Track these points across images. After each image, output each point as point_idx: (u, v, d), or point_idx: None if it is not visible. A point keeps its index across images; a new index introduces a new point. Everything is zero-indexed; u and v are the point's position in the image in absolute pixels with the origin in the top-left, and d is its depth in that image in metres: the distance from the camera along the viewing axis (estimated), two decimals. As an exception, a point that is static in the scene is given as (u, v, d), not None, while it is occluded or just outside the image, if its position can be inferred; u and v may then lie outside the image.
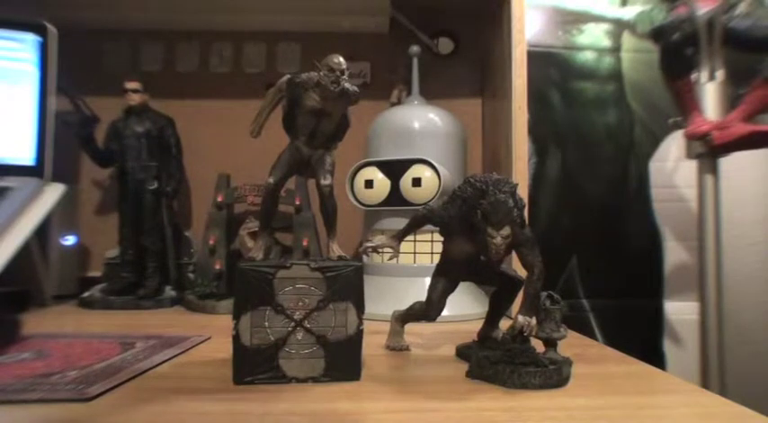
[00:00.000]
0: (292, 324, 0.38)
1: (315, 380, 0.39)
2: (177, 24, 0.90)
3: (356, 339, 0.40)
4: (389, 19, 0.89)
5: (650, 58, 0.89)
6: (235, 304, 0.38)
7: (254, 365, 0.38)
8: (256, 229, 0.81)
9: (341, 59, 0.42)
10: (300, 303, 0.39)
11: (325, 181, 0.44)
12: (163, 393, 0.36)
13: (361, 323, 0.40)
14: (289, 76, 0.44)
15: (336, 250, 0.44)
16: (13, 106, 0.74)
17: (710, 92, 0.76)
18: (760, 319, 0.92)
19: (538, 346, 0.42)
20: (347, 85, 0.42)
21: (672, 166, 0.95)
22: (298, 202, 0.81)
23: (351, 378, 0.39)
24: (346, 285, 0.39)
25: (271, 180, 0.44)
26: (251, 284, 0.39)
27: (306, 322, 0.39)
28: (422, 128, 0.73)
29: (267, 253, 0.45)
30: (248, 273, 0.39)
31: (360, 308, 0.40)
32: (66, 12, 0.80)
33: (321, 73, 0.42)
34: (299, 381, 0.38)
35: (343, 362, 0.39)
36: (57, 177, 0.75)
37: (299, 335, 0.39)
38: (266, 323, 0.38)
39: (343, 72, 0.42)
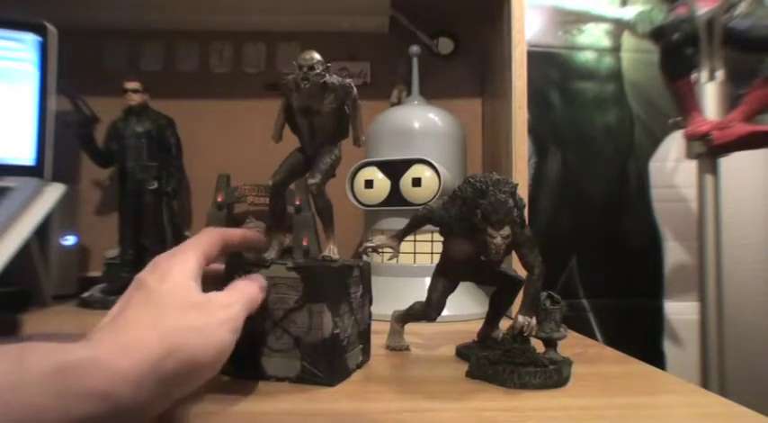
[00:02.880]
0: (272, 323, 0.38)
1: (291, 381, 0.38)
2: (177, 24, 0.90)
3: (331, 343, 0.38)
4: (389, 19, 0.89)
5: (650, 58, 0.89)
6: None
7: (236, 360, 0.37)
8: (257, 229, 0.81)
9: (312, 55, 0.41)
10: (279, 303, 0.38)
11: (313, 179, 0.43)
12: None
13: (336, 327, 0.38)
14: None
15: (330, 250, 0.44)
16: (13, 106, 0.74)
17: (710, 92, 0.76)
18: (760, 319, 0.92)
19: (538, 346, 0.42)
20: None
21: (672, 166, 0.95)
22: (298, 202, 0.81)
23: (325, 383, 0.38)
24: (322, 287, 0.38)
25: (270, 182, 0.44)
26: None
27: (283, 322, 0.38)
28: (422, 128, 0.73)
29: (281, 253, 0.45)
30: (234, 270, 0.39)
31: (335, 310, 0.39)
32: (66, 12, 0.80)
33: (296, 72, 0.41)
34: (277, 379, 0.38)
35: (318, 365, 0.38)
36: (57, 177, 0.75)
37: (278, 334, 0.38)
38: (249, 321, 0.38)
39: (312, 67, 0.41)
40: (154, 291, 0.31)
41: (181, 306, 0.31)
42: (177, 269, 0.33)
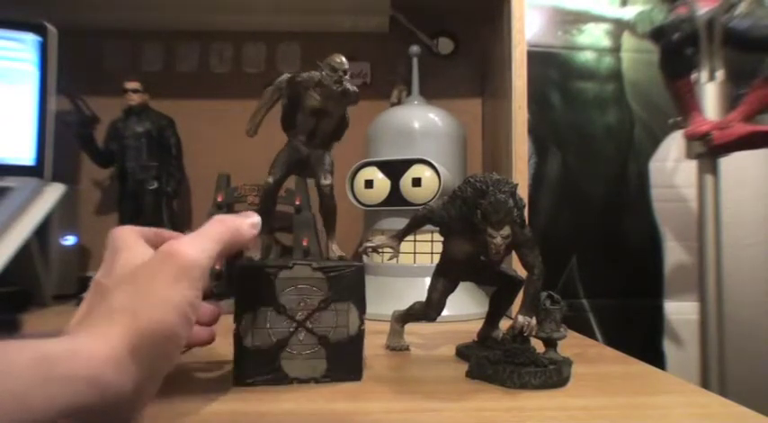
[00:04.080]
0: (294, 325, 0.38)
1: (316, 380, 0.38)
2: (177, 24, 0.90)
3: (357, 339, 0.39)
4: (389, 19, 0.89)
5: (650, 58, 0.89)
6: (236, 305, 0.38)
7: (256, 366, 0.37)
8: (257, 229, 0.81)
9: (343, 59, 0.42)
10: (302, 304, 0.38)
11: (326, 180, 0.44)
12: (162, 393, 0.36)
13: (362, 323, 0.40)
14: (288, 74, 0.44)
15: (336, 250, 0.44)
16: (13, 106, 0.74)
17: (710, 92, 0.76)
18: (760, 319, 0.92)
19: (538, 346, 0.42)
20: (348, 85, 0.42)
21: (672, 166, 0.95)
22: (298, 202, 0.81)
23: (352, 378, 0.39)
24: (348, 285, 0.39)
25: (270, 180, 0.44)
26: (252, 285, 0.38)
27: (307, 323, 0.38)
28: (422, 128, 0.73)
29: (266, 253, 0.45)
30: (250, 273, 0.38)
31: (361, 308, 0.40)
32: (66, 12, 0.80)
33: (323, 73, 0.42)
34: (300, 381, 0.38)
35: (344, 362, 0.39)
36: (57, 177, 0.75)
37: (301, 335, 0.38)
38: (268, 324, 0.38)
39: (345, 72, 0.42)
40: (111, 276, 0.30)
41: (156, 281, 0.29)
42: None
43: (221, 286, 0.76)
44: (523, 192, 0.63)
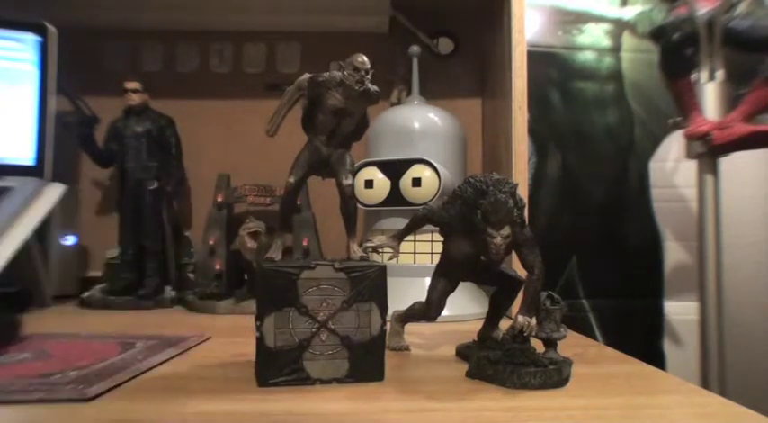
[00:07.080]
0: (316, 325, 0.38)
1: (339, 381, 0.38)
2: (177, 24, 0.90)
3: (379, 340, 0.39)
4: (389, 19, 0.89)
5: (650, 58, 0.89)
6: (258, 305, 0.38)
7: (279, 367, 0.37)
8: (257, 229, 0.81)
9: (365, 59, 0.42)
10: (324, 304, 0.38)
11: (347, 181, 0.44)
12: (163, 393, 0.36)
13: (384, 323, 0.40)
14: (308, 75, 0.44)
15: (357, 250, 0.44)
16: (13, 106, 0.74)
17: (710, 92, 0.76)
18: (760, 319, 0.92)
19: (538, 346, 0.42)
20: (369, 85, 0.42)
21: (672, 166, 0.95)
22: (298, 202, 0.81)
23: (374, 378, 0.39)
24: (370, 286, 0.39)
25: (291, 179, 0.44)
26: (275, 285, 0.38)
27: (330, 323, 0.38)
28: (422, 128, 0.73)
29: (285, 253, 0.45)
30: (272, 274, 0.38)
31: (383, 308, 0.40)
32: (66, 12, 0.80)
33: (345, 72, 0.42)
34: (323, 382, 0.38)
35: (366, 362, 0.39)
36: (57, 177, 0.75)
37: (323, 336, 0.38)
38: (290, 324, 0.38)
39: (367, 72, 0.42)
40: None
41: None
42: None
43: (221, 286, 0.76)
44: (523, 192, 0.63)
